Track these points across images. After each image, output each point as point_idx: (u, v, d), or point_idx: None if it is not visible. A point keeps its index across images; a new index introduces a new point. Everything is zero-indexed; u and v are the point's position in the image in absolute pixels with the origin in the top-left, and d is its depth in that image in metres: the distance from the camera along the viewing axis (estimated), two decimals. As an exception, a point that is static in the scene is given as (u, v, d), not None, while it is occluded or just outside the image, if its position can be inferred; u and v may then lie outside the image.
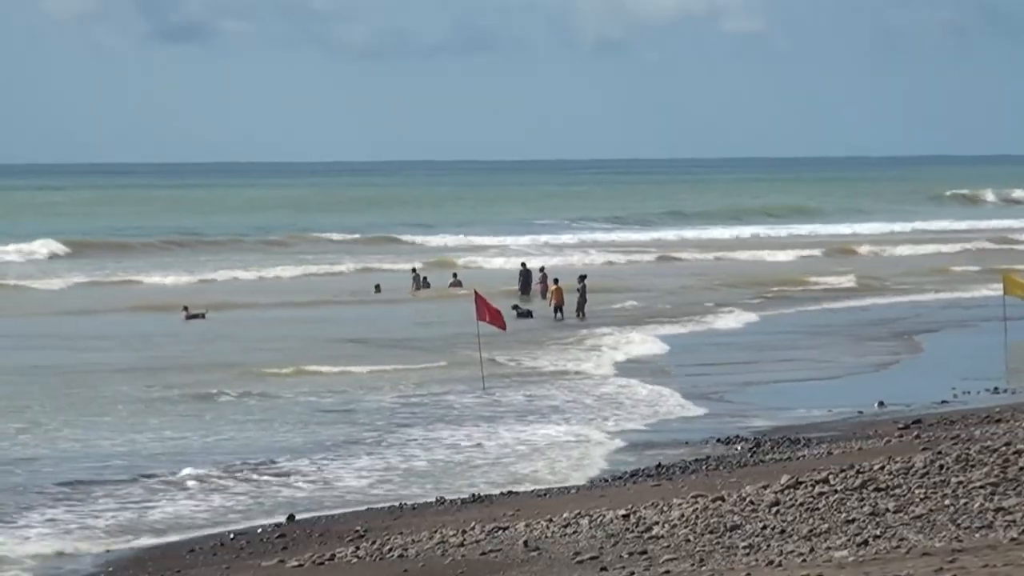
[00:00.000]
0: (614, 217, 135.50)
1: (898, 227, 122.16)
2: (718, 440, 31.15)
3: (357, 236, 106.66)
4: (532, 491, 26.67)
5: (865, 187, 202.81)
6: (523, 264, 69.03)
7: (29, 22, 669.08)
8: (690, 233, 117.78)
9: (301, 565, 21.48)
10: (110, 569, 22.34)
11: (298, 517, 25.02)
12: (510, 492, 26.45)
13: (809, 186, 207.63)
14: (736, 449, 29.94)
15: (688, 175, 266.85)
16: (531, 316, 55.34)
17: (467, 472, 28.98)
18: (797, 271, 78.30)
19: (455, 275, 69.83)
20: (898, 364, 43.19)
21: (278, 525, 24.75)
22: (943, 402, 35.26)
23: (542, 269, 66.26)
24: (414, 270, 70.51)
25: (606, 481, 27.42)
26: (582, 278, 57.94)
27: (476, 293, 42.42)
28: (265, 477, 28.12)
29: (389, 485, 27.69)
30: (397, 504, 25.85)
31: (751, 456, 29.11)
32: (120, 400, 36.47)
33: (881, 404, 35.18)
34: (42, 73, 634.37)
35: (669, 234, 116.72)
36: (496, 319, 41.15)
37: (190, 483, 27.33)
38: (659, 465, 28.50)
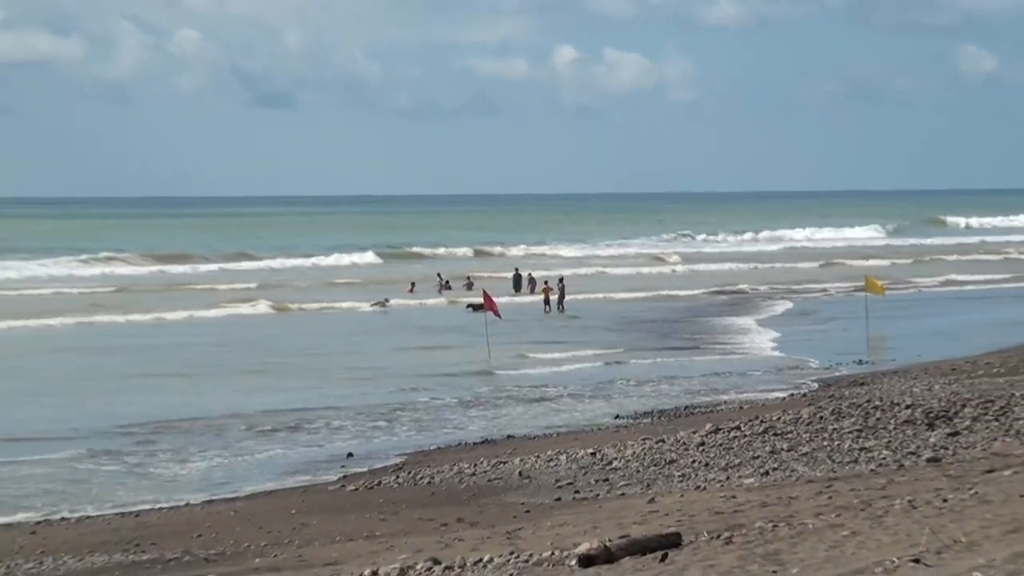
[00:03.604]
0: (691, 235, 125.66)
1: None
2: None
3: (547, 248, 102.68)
4: (525, 433, 26.54)
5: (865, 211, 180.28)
6: (516, 269, 67.43)
7: (167, 94, 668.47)
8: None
9: (357, 489, 21.51)
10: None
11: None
12: (509, 436, 26.28)
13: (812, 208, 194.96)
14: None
15: (670, 204, 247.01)
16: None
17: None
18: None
19: (468, 277, 67.65)
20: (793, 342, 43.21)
21: (349, 455, 24.84)
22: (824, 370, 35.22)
23: (530, 274, 65.35)
24: (439, 275, 68.44)
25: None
26: (561, 279, 57.71)
27: (484, 292, 42.69)
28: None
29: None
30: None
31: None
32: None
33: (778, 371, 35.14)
34: (174, 128, 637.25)
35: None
36: (494, 309, 41.11)
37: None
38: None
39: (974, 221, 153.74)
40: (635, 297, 61.74)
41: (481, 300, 54.96)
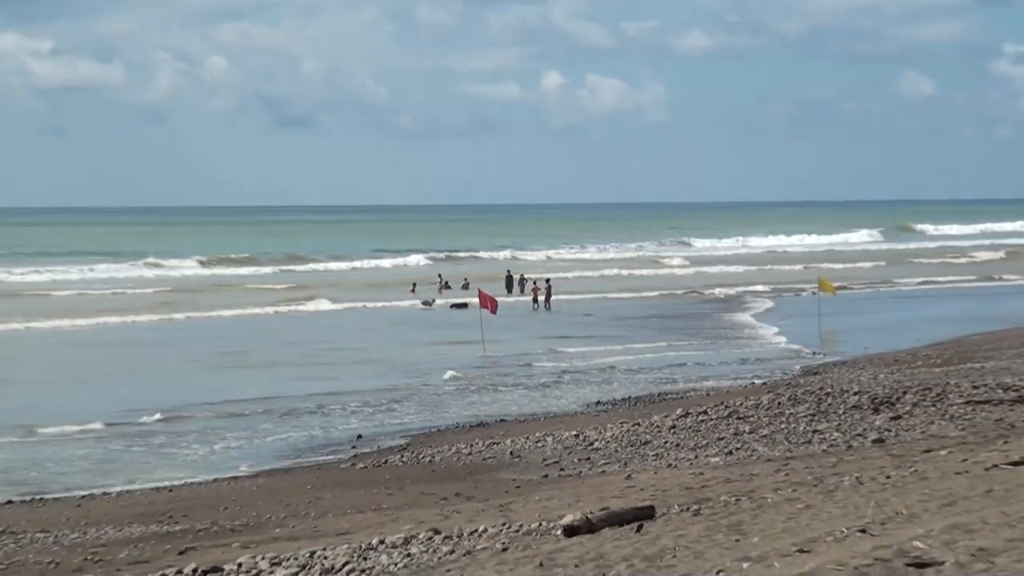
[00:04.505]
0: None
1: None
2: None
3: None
4: (516, 417, 26.45)
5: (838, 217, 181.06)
6: (508, 271, 66.99)
7: (197, 115, 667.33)
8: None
9: (366, 467, 21.47)
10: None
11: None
12: (501, 420, 26.23)
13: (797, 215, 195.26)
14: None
15: (650, 213, 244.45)
16: (466, 307, 52.20)
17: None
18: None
19: (465, 279, 66.71)
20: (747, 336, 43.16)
21: (359, 435, 24.67)
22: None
23: (522, 276, 64.81)
24: (440, 276, 68.01)
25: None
26: (548, 280, 57.51)
27: (480, 291, 42.55)
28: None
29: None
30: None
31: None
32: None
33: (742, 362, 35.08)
34: (205, 146, 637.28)
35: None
36: (490, 305, 40.92)
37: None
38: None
39: (950, 229, 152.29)
40: (641, 296, 60.99)
41: (464, 300, 55.45)
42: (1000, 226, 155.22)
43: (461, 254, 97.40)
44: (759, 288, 65.03)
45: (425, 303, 56.85)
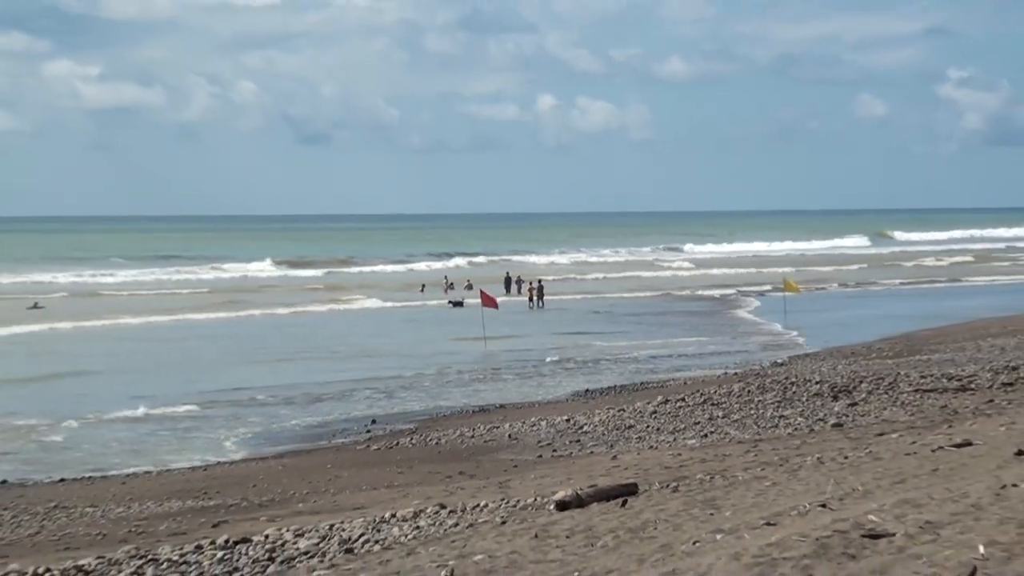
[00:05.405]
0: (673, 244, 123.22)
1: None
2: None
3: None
4: (514, 404, 26.35)
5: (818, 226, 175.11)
6: (507, 273, 66.55)
7: (228, 133, 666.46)
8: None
9: (379, 449, 21.45)
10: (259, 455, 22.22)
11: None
12: (500, 406, 26.14)
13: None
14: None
15: (637, 221, 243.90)
16: (462, 306, 52.34)
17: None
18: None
19: (468, 280, 66.02)
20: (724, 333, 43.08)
21: (374, 420, 24.57)
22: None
23: (519, 277, 64.30)
24: (446, 277, 67.58)
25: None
26: (540, 281, 57.26)
27: (481, 291, 42.50)
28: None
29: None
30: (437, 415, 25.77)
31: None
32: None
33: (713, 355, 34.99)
34: (234, 161, 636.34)
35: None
36: (491, 303, 40.79)
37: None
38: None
39: (924, 235, 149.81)
40: (642, 296, 60.33)
41: (460, 298, 55.28)
42: (968, 232, 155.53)
43: (495, 258, 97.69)
44: (749, 288, 64.41)
45: (454, 303, 55.96)
